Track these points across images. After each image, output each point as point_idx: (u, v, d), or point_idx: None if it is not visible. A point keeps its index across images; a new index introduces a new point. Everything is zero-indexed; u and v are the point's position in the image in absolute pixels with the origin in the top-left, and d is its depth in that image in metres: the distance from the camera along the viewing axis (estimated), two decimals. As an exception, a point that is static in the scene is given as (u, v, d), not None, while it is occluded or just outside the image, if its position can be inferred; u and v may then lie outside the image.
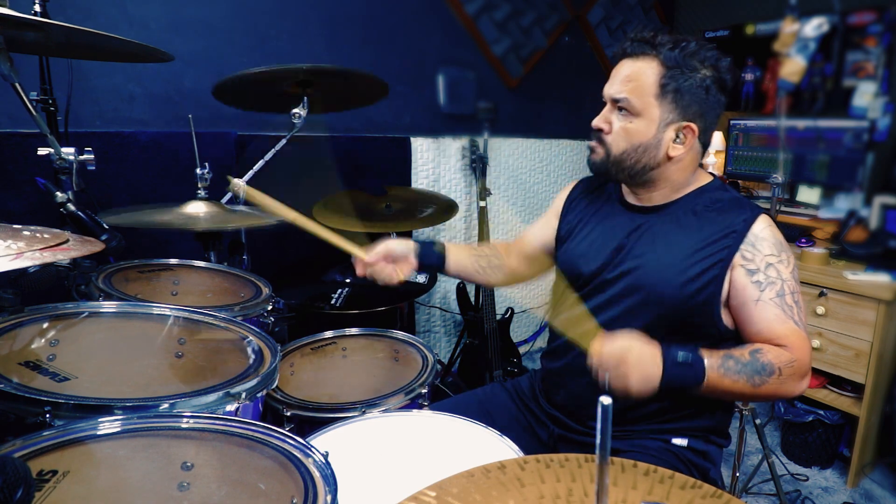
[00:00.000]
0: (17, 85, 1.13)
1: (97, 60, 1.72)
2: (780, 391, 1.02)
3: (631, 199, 1.20)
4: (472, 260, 1.40)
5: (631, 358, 0.95)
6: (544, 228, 1.37)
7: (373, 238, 2.25)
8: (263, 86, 1.81)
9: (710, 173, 1.20)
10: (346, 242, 1.23)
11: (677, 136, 1.09)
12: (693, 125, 1.09)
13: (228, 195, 1.77)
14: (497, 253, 1.43)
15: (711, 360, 0.98)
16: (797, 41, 2.05)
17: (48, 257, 0.73)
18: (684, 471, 1.09)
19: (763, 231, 1.07)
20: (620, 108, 1.11)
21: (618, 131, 1.11)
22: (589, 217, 1.25)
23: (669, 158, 1.10)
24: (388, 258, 1.26)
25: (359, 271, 1.27)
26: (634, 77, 1.09)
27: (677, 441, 1.15)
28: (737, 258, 1.06)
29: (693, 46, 1.07)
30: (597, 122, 1.14)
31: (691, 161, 1.13)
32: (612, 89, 1.12)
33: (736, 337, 1.10)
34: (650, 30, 1.10)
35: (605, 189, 1.27)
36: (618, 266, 1.14)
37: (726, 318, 1.09)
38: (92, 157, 1.31)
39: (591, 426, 1.18)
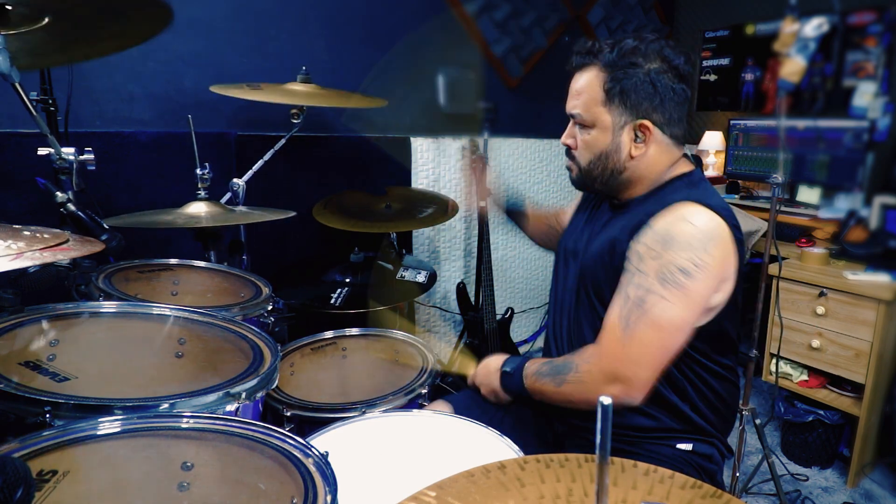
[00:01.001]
0: (17, 85, 1.13)
1: (96, 58, 1.72)
2: (582, 392, 1.03)
3: (613, 199, 1.22)
4: (545, 228, 1.55)
5: (479, 375, 1.26)
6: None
7: (373, 238, 2.24)
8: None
9: (691, 162, 1.18)
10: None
11: (636, 136, 1.09)
12: (647, 122, 1.07)
13: (228, 195, 1.77)
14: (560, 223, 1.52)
15: (531, 367, 1.13)
16: (797, 41, 2.05)
17: (48, 257, 0.73)
18: (694, 475, 1.09)
19: (658, 222, 1.01)
20: (577, 123, 1.14)
21: (581, 145, 1.14)
22: (584, 212, 1.31)
23: (633, 158, 1.10)
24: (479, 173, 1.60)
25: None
26: (583, 89, 1.11)
27: (682, 446, 1.14)
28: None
29: (630, 44, 1.06)
30: (563, 139, 1.19)
31: (659, 155, 1.11)
32: (567, 105, 1.16)
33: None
34: (605, 39, 1.11)
35: None
36: (577, 255, 1.21)
37: None
38: (92, 157, 1.31)
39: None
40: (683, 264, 0.96)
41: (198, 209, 1.49)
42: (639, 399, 0.99)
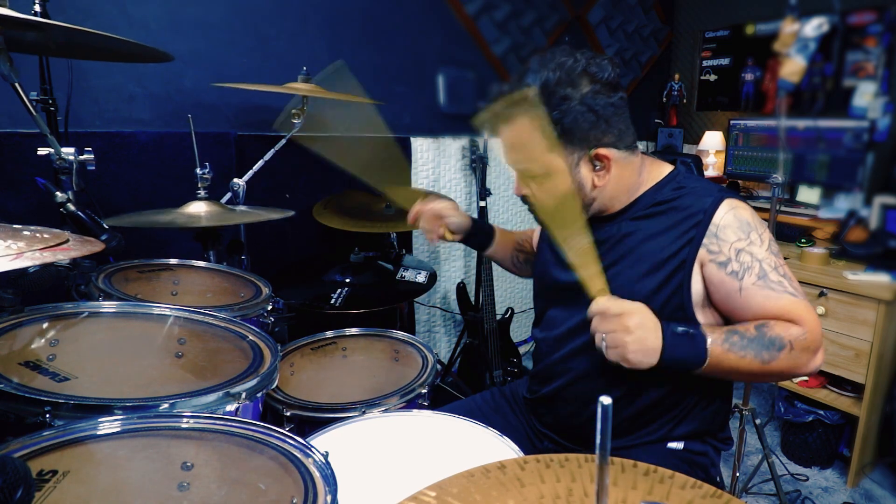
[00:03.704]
0: (17, 85, 1.13)
1: (97, 60, 1.72)
2: (792, 368, 0.96)
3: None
4: (511, 252, 1.48)
5: (631, 323, 0.93)
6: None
7: (373, 238, 2.24)
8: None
9: (670, 162, 1.14)
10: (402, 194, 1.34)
11: (595, 166, 1.03)
12: (600, 149, 1.01)
13: (228, 195, 1.77)
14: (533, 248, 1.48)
15: (714, 335, 0.94)
16: (797, 41, 2.05)
17: (48, 257, 0.73)
18: (686, 470, 1.08)
19: (724, 218, 1.01)
20: (527, 175, 1.07)
21: (539, 193, 1.08)
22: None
23: (597, 187, 1.05)
24: (439, 220, 1.35)
25: (409, 218, 1.38)
26: (519, 143, 1.04)
27: (673, 445, 1.14)
28: (702, 254, 1.01)
29: (553, 77, 0.98)
30: (517, 191, 1.12)
31: (623, 170, 1.06)
32: (507, 160, 1.09)
33: None
34: (516, 76, 1.03)
35: None
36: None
37: (705, 319, 1.04)
38: (92, 157, 1.31)
39: (583, 445, 1.18)
40: (768, 235, 1.03)
41: (197, 209, 1.49)
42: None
